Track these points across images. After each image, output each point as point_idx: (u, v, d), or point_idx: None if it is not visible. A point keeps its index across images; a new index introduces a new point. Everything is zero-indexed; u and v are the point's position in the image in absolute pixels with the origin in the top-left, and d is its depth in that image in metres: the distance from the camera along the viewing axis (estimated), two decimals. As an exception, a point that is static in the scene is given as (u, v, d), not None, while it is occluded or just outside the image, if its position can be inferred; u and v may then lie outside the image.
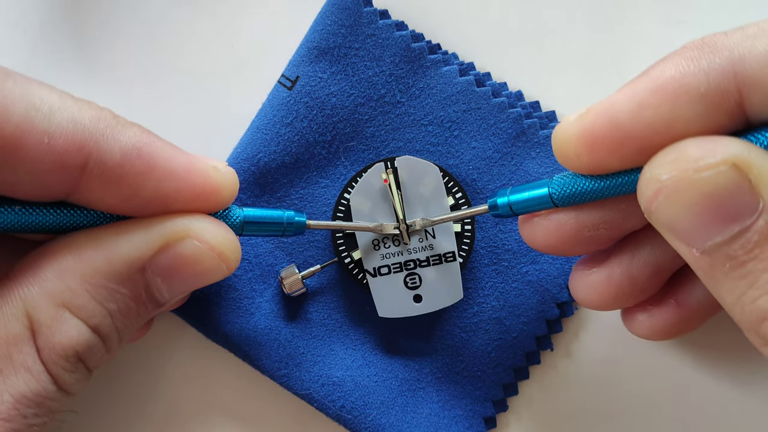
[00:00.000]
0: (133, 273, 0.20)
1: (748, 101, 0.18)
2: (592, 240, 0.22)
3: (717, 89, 0.18)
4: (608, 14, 0.31)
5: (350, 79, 0.29)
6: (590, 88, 0.30)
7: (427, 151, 0.29)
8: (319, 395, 0.28)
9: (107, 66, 0.31)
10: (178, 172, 0.21)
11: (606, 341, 0.30)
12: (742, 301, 0.17)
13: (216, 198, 0.22)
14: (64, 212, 0.21)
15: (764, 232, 0.17)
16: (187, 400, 0.29)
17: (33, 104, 0.18)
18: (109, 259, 0.20)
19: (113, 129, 0.20)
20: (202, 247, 0.21)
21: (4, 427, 0.19)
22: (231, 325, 0.28)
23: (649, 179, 0.18)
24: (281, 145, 0.28)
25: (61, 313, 0.19)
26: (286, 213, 0.24)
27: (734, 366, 0.29)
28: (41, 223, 0.20)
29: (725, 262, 0.17)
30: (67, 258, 0.20)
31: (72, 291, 0.20)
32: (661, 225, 0.19)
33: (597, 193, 0.21)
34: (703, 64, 0.18)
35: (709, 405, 0.30)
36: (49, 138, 0.19)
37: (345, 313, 0.29)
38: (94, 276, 0.20)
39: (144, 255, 0.20)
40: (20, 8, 0.31)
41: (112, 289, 0.20)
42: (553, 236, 0.22)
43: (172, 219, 0.21)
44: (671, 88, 0.18)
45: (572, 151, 0.20)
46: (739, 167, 0.17)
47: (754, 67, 0.18)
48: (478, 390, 0.29)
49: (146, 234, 0.21)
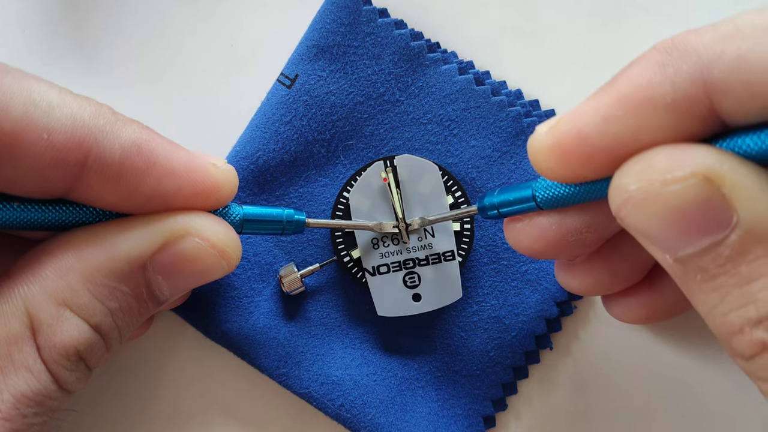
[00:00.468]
0: (134, 271, 0.20)
1: (720, 107, 0.17)
2: (577, 244, 0.22)
3: (684, 97, 0.17)
4: (608, 13, 0.31)
5: (349, 77, 0.29)
6: (590, 86, 0.30)
7: (427, 149, 0.29)
8: (318, 394, 0.28)
9: (106, 64, 0.31)
10: (178, 169, 0.21)
11: (606, 340, 0.30)
12: (713, 314, 0.17)
13: (216, 195, 0.22)
14: (63, 209, 0.21)
15: (736, 248, 0.16)
16: (187, 400, 0.29)
17: (32, 100, 0.18)
18: (110, 257, 0.20)
19: (113, 125, 0.20)
20: (204, 245, 0.21)
21: (4, 427, 0.19)
22: (230, 323, 0.28)
23: (617, 187, 0.18)
24: (280, 143, 0.28)
25: (61, 311, 0.19)
26: (286, 211, 0.24)
27: (734, 365, 0.29)
28: (40, 219, 0.20)
29: (696, 273, 0.17)
30: (67, 256, 0.20)
31: (73, 289, 0.19)
32: (633, 231, 0.18)
33: (578, 197, 0.21)
34: (669, 71, 0.17)
35: (708, 404, 0.30)
36: (49, 134, 0.18)
37: (344, 311, 0.29)
38: (95, 274, 0.20)
39: (145, 253, 0.20)
40: (19, 6, 0.31)
41: (113, 288, 0.20)
42: (537, 242, 0.22)
43: (173, 216, 0.21)
44: (636, 98, 0.18)
45: (545, 163, 0.20)
46: (710, 180, 0.16)
47: (724, 73, 0.16)
48: (478, 389, 0.29)
49: (147, 231, 0.20)
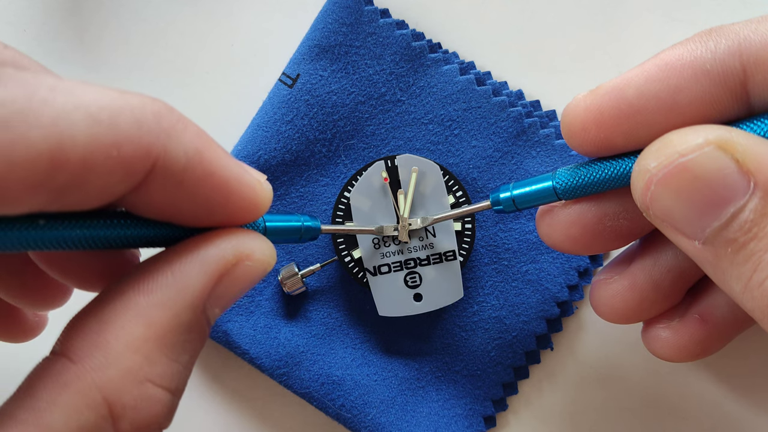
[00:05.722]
0: (199, 315, 0.19)
1: (752, 80, 0.19)
2: (613, 232, 0.22)
3: (722, 67, 0.19)
4: (609, 13, 0.31)
5: (351, 77, 0.29)
6: (590, 87, 0.30)
7: (428, 149, 0.29)
8: (319, 394, 0.28)
9: (107, 64, 0.31)
10: (231, 183, 0.19)
11: (606, 341, 0.30)
12: (751, 287, 0.17)
13: (255, 214, 0.20)
14: (92, 225, 0.19)
15: (758, 210, 0.17)
16: (187, 400, 0.29)
17: (92, 116, 0.16)
18: (176, 313, 0.18)
19: (175, 128, 0.18)
20: (253, 266, 0.20)
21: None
22: (230, 323, 0.28)
23: (638, 171, 0.19)
24: (281, 142, 0.28)
25: (145, 389, 0.18)
26: (304, 220, 0.24)
27: (734, 365, 0.29)
28: (85, 237, 0.18)
29: (726, 247, 0.17)
30: (135, 324, 0.18)
31: (151, 361, 0.18)
32: (659, 220, 0.19)
33: (600, 184, 0.21)
34: (710, 44, 0.19)
35: (708, 404, 0.30)
36: (118, 149, 0.16)
37: (345, 311, 0.29)
38: (166, 336, 0.18)
39: (204, 294, 0.19)
40: (20, 7, 0.31)
41: (185, 341, 0.19)
42: (573, 226, 0.22)
43: (220, 244, 0.19)
44: (678, 65, 0.19)
45: (580, 124, 0.21)
46: (723, 148, 0.17)
47: (758, 47, 0.18)
48: (478, 389, 0.29)
49: (202, 269, 0.19)
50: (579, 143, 0.21)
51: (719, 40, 0.19)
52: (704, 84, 0.19)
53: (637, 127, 0.20)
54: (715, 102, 0.19)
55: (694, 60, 0.19)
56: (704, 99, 0.19)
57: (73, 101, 0.16)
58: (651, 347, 0.24)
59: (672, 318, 0.24)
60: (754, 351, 0.29)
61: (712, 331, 0.24)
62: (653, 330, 0.24)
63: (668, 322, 0.24)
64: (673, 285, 0.23)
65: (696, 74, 0.19)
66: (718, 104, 0.19)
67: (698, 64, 0.19)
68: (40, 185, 0.15)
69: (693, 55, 0.19)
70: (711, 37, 0.19)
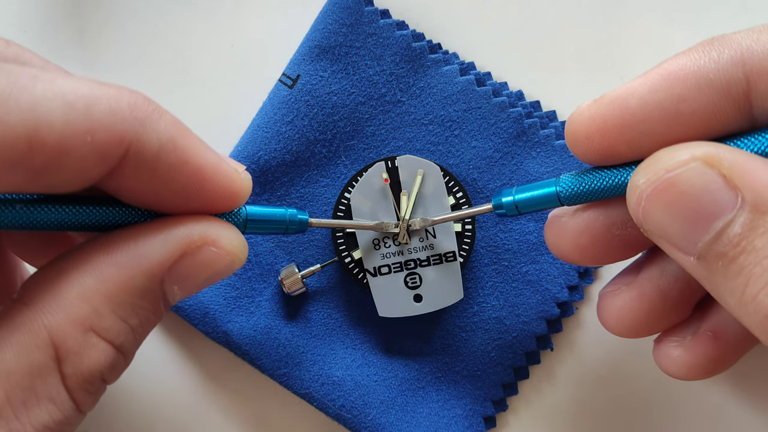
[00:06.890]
0: (154, 285, 0.20)
1: (755, 90, 0.19)
2: (621, 241, 0.22)
3: (725, 77, 0.19)
4: (609, 14, 0.31)
5: (351, 77, 0.29)
6: (590, 88, 0.30)
7: (428, 150, 0.29)
8: (319, 394, 0.28)
9: (107, 64, 0.31)
10: (206, 171, 0.20)
11: (606, 341, 0.30)
12: (744, 301, 0.17)
13: (232, 202, 0.21)
14: (66, 210, 0.20)
15: (746, 224, 0.17)
16: (187, 400, 0.29)
17: (69, 103, 0.18)
18: (131, 275, 0.19)
19: (150, 117, 0.19)
20: (219, 253, 0.21)
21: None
22: (231, 324, 0.28)
23: (630, 187, 0.19)
24: (282, 143, 0.28)
25: (88, 338, 0.19)
26: (289, 211, 0.24)
27: (734, 366, 0.29)
28: (44, 220, 0.20)
29: (717, 261, 0.18)
30: (89, 278, 0.19)
31: (99, 313, 0.19)
32: (655, 235, 0.19)
33: (604, 191, 0.21)
34: (713, 54, 0.19)
35: (708, 404, 0.30)
36: (92, 135, 0.18)
37: (345, 312, 0.29)
38: (117, 294, 0.19)
39: (164, 266, 0.20)
40: (20, 7, 0.31)
41: (135, 305, 0.19)
42: (582, 234, 0.22)
43: (189, 224, 0.20)
44: (682, 74, 0.19)
45: (584, 133, 0.21)
46: (709, 163, 0.18)
47: (761, 58, 0.18)
48: (478, 389, 0.29)
49: (165, 244, 0.20)
50: (583, 152, 0.21)
51: (722, 50, 0.19)
52: (708, 94, 0.19)
53: (641, 137, 0.20)
54: (719, 112, 0.19)
55: (698, 70, 0.19)
56: (707, 109, 0.19)
57: (52, 89, 0.18)
58: (663, 366, 0.24)
59: (684, 335, 0.23)
60: (754, 351, 0.29)
61: (725, 348, 0.23)
62: (665, 348, 0.24)
63: (680, 339, 0.23)
64: (681, 294, 0.23)
65: (699, 84, 0.19)
66: (722, 114, 0.19)
67: (702, 74, 0.19)
68: (19, 164, 0.17)
69: (696, 65, 0.19)
70: (714, 46, 0.19)
